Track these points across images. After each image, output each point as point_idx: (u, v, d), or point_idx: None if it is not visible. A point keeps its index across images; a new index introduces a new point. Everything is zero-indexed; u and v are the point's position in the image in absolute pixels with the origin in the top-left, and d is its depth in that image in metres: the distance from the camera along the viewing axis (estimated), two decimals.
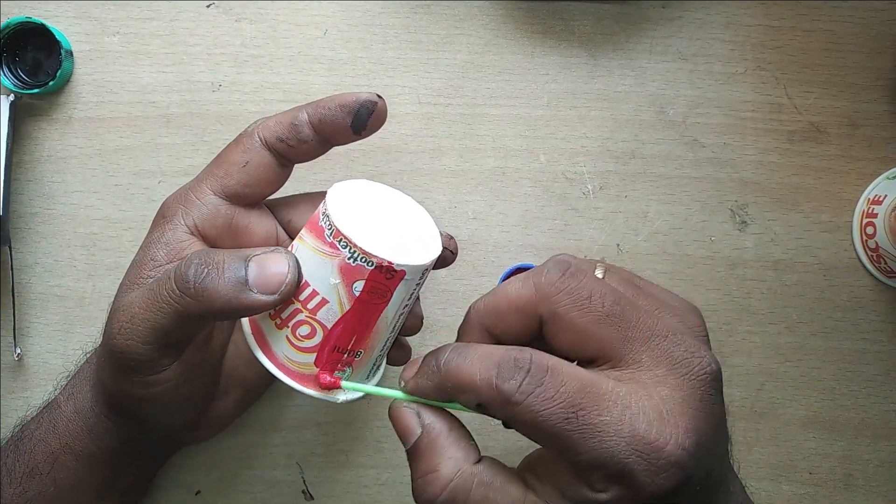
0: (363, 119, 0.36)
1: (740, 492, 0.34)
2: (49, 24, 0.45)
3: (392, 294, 0.32)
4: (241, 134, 0.37)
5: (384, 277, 0.31)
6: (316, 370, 0.33)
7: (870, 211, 0.46)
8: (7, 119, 0.44)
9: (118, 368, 0.34)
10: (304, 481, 0.47)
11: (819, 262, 0.47)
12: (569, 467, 0.28)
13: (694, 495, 0.28)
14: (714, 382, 0.29)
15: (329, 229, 0.32)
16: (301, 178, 0.46)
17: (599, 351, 0.29)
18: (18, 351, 0.46)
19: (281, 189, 0.39)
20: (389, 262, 0.31)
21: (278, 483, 0.47)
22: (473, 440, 0.31)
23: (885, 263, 0.45)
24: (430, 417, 0.30)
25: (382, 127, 0.47)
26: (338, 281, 0.32)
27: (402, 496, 0.47)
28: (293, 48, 0.47)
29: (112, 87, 0.47)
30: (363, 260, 0.31)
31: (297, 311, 0.33)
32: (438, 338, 0.47)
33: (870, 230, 0.46)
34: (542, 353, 0.28)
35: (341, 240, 0.31)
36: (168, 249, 0.35)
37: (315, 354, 0.33)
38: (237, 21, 0.47)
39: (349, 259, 0.31)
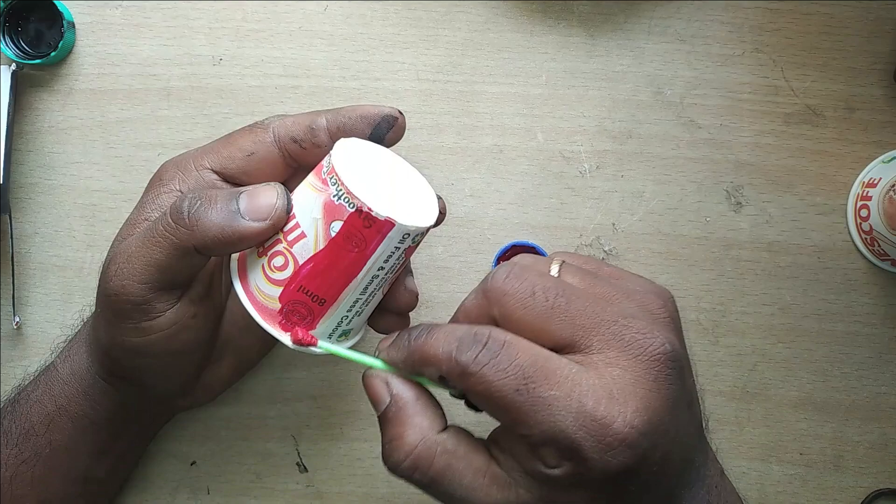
0: (382, 132, 0.36)
1: (716, 475, 0.33)
2: None
3: (367, 246, 0.32)
4: (256, 123, 0.38)
5: (361, 224, 0.31)
6: (278, 305, 0.33)
7: (864, 194, 0.46)
8: (9, 88, 0.45)
9: (113, 315, 0.35)
10: (298, 453, 0.47)
11: (813, 245, 0.47)
12: (523, 442, 0.28)
13: (650, 477, 0.28)
14: (669, 363, 0.29)
15: (326, 166, 0.33)
16: None
17: (552, 342, 0.29)
18: (17, 319, 0.46)
19: None
20: (369, 209, 0.31)
21: (273, 455, 0.47)
22: (441, 410, 0.32)
23: (879, 246, 0.46)
24: (398, 387, 0.31)
25: (381, 101, 0.47)
26: (318, 216, 0.32)
27: None
28: (294, 23, 0.47)
29: (113, 60, 0.47)
30: (346, 200, 0.31)
31: (278, 241, 0.33)
32: (434, 314, 0.47)
33: (864, 213, 0.46)
34: (502, 330, 0.29)
35: (333, 176, 0.32)
36: (162, 212, 0.36)
37: (282, 289, 0.33)
38: None
39: (334, 196, 0.32)
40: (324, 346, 0.34)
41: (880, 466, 0.47)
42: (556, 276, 0.31)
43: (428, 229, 0.34)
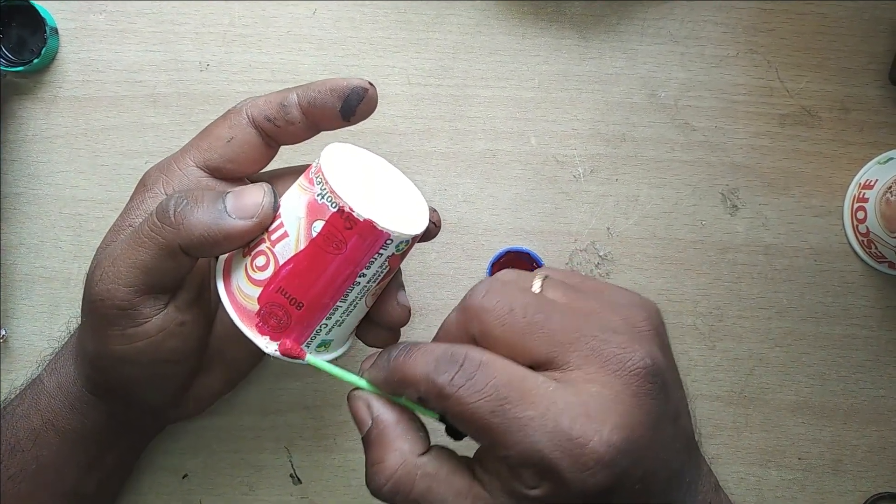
0: (353, 105, 0.36)
1: (710, 490, 0.33)
2: (34, 1, 0.44)
3: (347, 249, 0.31)
4: (229, 110, 0.37)
5: (342, 225, 0.31)
6: (256, 307, 0.33)
7: (861, 195, 0.46)
8: None
9: (99, 321, 0.34)
10: (292, 465, 0.46)
11: (810, 247, 0.47)
12: (503, 462, 0.28)
13: (632, 496, 0.28)
14: (650, 377, 0.28)
15: (315, 165, 0.32)
16: (288, 160, 0.45)
17: (531, 358, 0.29)
18: (3, 332, 0.45)
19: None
20: (350, 209, 0.30)
21: (266, 467, 0.46)
22: (424, 431, 0.31)
23: (876, 248, 0.45)
24: (380, 409, 0.31)
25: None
26: (302, 216, 0.32)
27: None
28: (282, 27, 0.46)
29: (98, 66, 0.46)
30: (328, 199, 0.31)
31: (262, 241, 0.33)
32: (428, 321, 0.47)
33: (861, 215, 0.46)
34: (480, 349, 0.29)
35: (319, 175, 0.31)
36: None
37: (261, 290, 0.33)
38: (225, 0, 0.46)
39: (318, 195, 0.31)
40: (311, 359, 0.33)
41: (879, 470, 0.47)
42: (538, 291, 0.31)
43: (413, 239, 0.33)
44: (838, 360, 0.47)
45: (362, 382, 0.32)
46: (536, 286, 0.31)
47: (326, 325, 0.33)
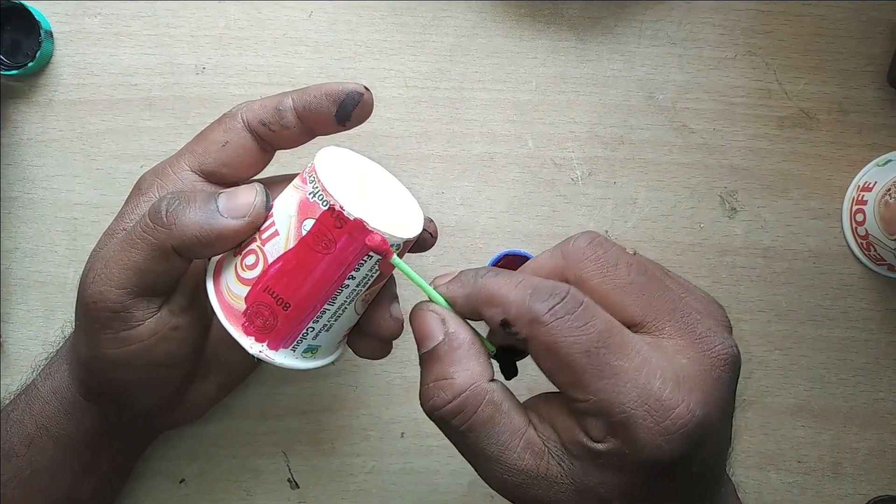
0: (348, 110, 0.36)
1: (733, 494, 0.33)
2: (28, 3, 0.44)
3: (336, 248, 0.31)
4: (224, 114, 0.37)
5: (332, 224, 0.31)
6: (244, 306, 0.32)
7: (859, 198, 0.46)
8: None
9: (92, 325, 0.34)
10: (289, 469, 0.46)
11: (809, 250, 0.47)
12: (570, 409, 0.28)
13: (693, 472, 0.28)
14: (732, 366, 0.29)
15: (309, 165, 0.32)
16: (286, 164, 0.45)
17: (623, 316, 0.29)
18: None
19: (264, 171, 0.38)
20: (341, 208, 0.30)
21: (263, 471, 0.46)
22: (490, 361, 0.30)
23: (875, 251, 0.45)
24: (455, 326, 0.30)
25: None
26: (293, 214, 0.31)
27: (389, 484, 0.46)
28: (278, 30, 0.46)
29: (93, 70, 0.46)
30: (319, 197, 0.31)
31: (253, 240, 0.33)
32: None
33: (859, 217, 0.45)
34: (581, 291, 0.28)
35: (312, 174, 0.31)
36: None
37: (249, 289, 0.32)
38: (221, 2, 0.46)
39: (310, 194, 0.31)
40: (397, 260, 0.32)
41: (879, 473, 0.47)
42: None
43: (405, 244, 0.32)
44: (837, 363, 0.47)
45: (438, 296, 0.30)
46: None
47: (313, 328, 0.33)
